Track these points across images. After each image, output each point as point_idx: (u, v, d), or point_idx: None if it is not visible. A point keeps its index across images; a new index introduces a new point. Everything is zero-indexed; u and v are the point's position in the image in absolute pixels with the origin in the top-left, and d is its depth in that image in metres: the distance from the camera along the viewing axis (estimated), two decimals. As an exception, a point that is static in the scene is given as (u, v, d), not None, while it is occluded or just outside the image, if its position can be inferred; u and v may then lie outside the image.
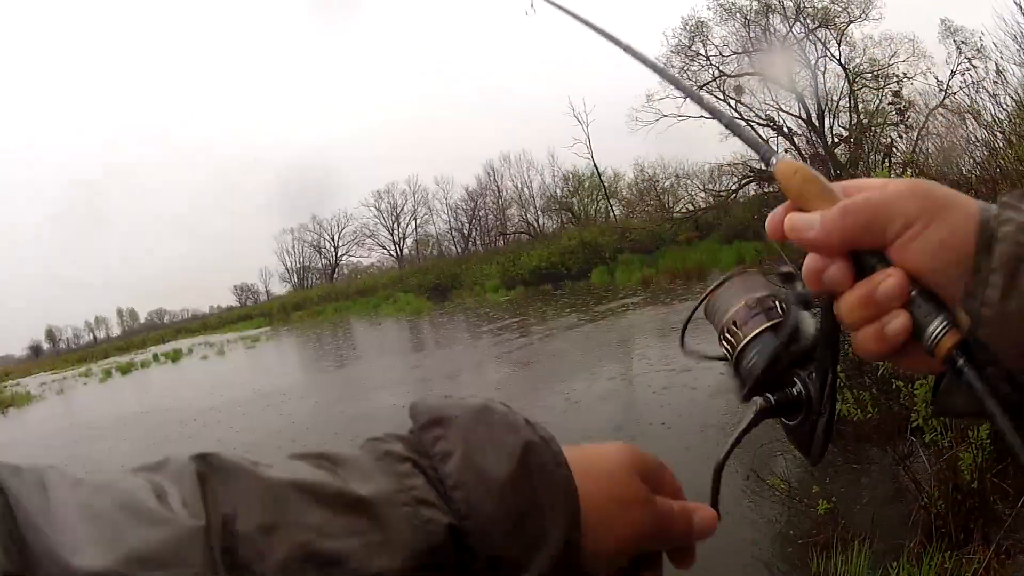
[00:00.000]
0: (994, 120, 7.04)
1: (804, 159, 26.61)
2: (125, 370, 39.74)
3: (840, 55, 30.61)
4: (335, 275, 68.74)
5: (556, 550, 0.71)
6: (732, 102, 32.01)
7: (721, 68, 32.83)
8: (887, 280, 0.74)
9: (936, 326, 0.72)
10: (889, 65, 28.85)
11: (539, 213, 56.72)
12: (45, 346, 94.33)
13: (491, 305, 35.47)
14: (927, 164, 7.07)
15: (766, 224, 0.84)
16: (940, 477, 5.33)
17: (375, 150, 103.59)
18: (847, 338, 0.82)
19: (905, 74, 27.82)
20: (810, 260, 0.79)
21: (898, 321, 0.74)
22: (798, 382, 0.86)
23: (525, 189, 57.60)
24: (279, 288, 74.82)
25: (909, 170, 6.97)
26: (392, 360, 24.05)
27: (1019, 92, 7.11)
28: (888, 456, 6.08)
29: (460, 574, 0.69)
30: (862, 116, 28.88)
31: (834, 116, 31.05)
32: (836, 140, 29.88)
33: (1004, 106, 7.05)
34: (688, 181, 42.55)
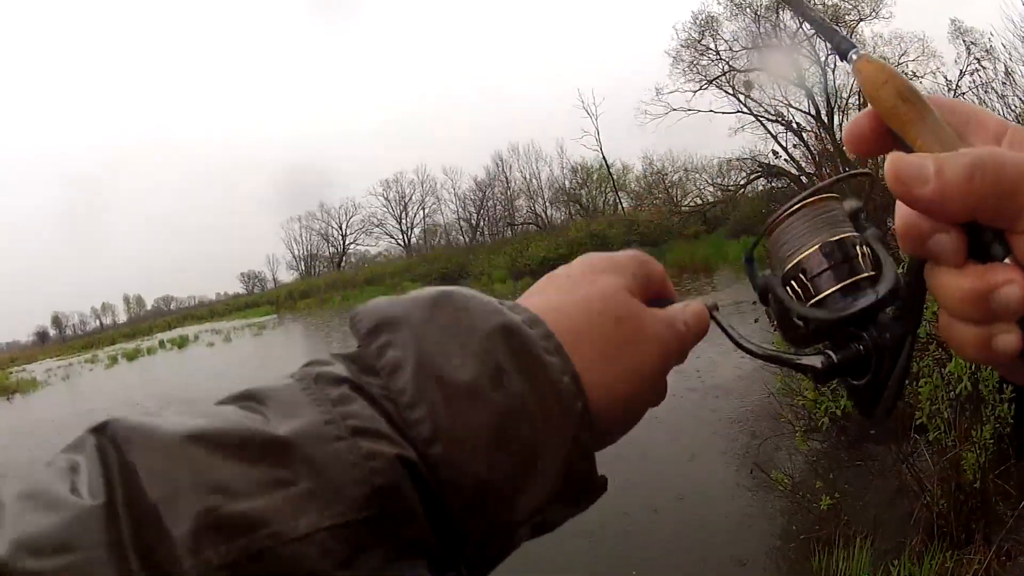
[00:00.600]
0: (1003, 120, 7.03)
1: (813, 156, 26.73)
2: (131, 356, 39.99)
3: (850, 52, 30.49)
4: (342, 263, 68.93)
5: (557, 466, 0.59)
6: (741, 97, 31.89)
7: (731, 63, 32.77)
8: (1008, 287, 0.57)
9: None
10: (899, 64, 28.74)
11: (547, 204, 56.91)
12: (51, 332, 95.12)
13: (499, 295, 35.24)
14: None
15: (845, 132, 0.70)
16: (943, 476, 5.31)
17: (385, 140, 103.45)
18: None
19: (915, 72, 27.74)
20: (911, 218, 0.61)
21: (1009, 339, 0.58)
22: (865, 336, 0.69)
23: (533, 180, 57.80)
24: (286, 276, 75.19)
25: None
26: None
27: None
28: (891, 454, 6.07)
29: (436, 523, 0.55)
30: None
31: (844, 113, 30.94)
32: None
33: (1012, 107, 7.03)
34: (696, 175, 42.71)
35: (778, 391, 7.66)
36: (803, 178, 25.92)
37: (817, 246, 0.71)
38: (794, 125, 30.66)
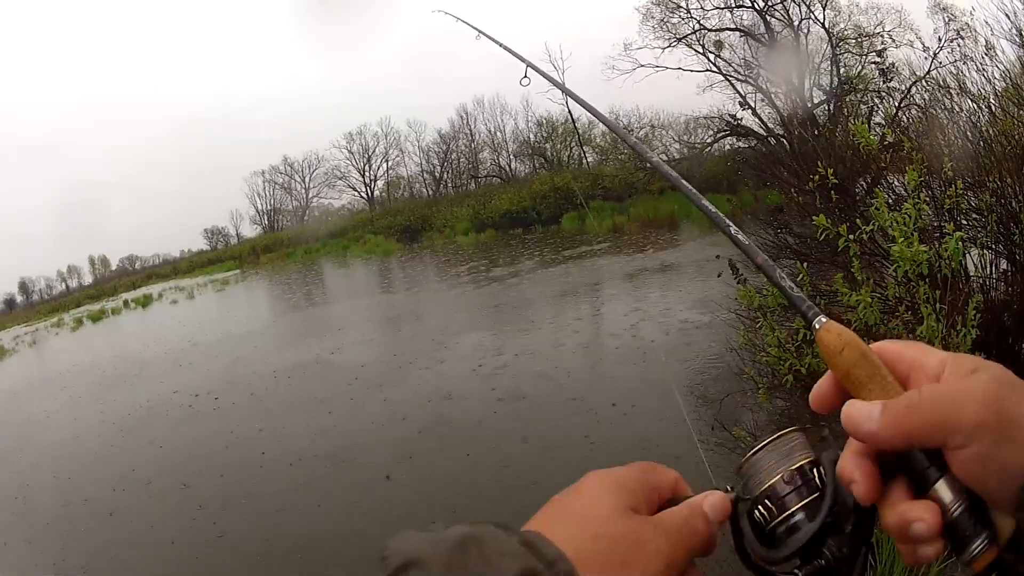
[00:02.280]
0: (980, 93, 7.05)
1: (781, 117, 26.71)
2: (96, 318, 39.88)
3: (824, 19, 30.39)
4: (305, 217, 68.25)
5: None
6: (711, 56, 31.78)
7: (702, 22, 32.61)
8: (917, 524, 0.72)
9: (977, 544, 0.72)
10: (875, 34, 28.71)
11: (511, 158, 56.68)
12: (19, 299, 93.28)
13: (460, 247, 35.70)
14: (908, 129, 7.01)
15: (810, 396, 0.86)
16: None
17: (349, 93, 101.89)
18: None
19: (890, 34, 27.71)
20: (856, 447, 0.78)
21: (926, 552, 0.74)
22: (827, 552, 0.81)
23: (498, 133, 57.54)
24: (249, 231, 74.21)
25: (890, 131, 6.90)
26: (358, 301, 24.48)
27: (1008, 67, 7.12)
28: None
29: None
30: (843, 80, 28.79)
31: (814, 78, 31.00)
32: (815, 101, 29.82)
33: (991, 79, 7.07)
34: (663, 132, 42.33)
35: (740, 346, 7.67)
36: (770, 138, 25.94)
37: (779, 476, 0.84)
38: (764, 86, 30.65)
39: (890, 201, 5.95)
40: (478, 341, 14.58)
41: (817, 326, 0.86)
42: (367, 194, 65.30)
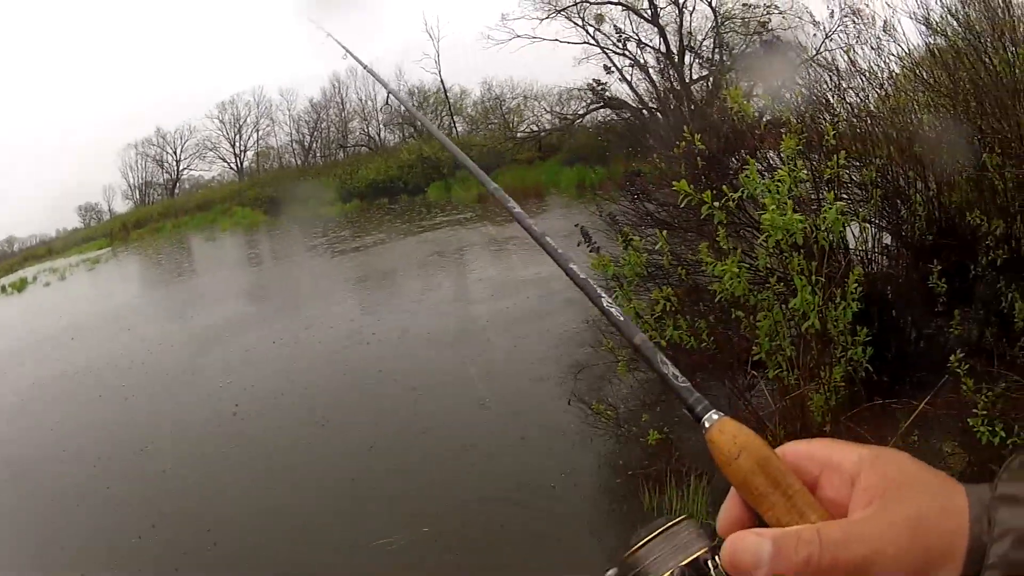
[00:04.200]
0: (873, 70, 6.90)
1: (658, 92, 26.78)
2: None
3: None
4: (176, 190, 66.47)
5: None
6: (590, 29, 31.57)
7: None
8: None
9: None
10: (761, 6, 28.77)
11: (381, 127, 56.18)
12: None
13: (326, 218, 35.75)
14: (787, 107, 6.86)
15: (718, 520, 0.73)
16: (786, 415, 5.11)
17: (227, 60, 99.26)
18: None
19: (776, 6, 27.79)
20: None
21: None
22: None
23: (369, 102, 56.75)
24: (122, 206, 71.91)
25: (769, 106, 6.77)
26: (217, 276, 24.51)
27: (907, 47, 6.98)
28: (726, 388, 5.85)
29: None
30: (726, 58, 28.83)
31: (695, 55, 31.04)
32: (695, 78, 29.88)
33: (887, 58, 6.94)
34: (536, 102, 42.45)
35: (597, 318, 7.20)
36: (644, 111, 25.91)
37: (670, 571, 0.80)
38: (640, 60, 30.51)
39: (762, 169, 5.70)
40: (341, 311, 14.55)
41: (707, 424, 0.73)
42: (237, 165, 64.05)
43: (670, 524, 0.82)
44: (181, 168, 67.15)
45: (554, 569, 5.27)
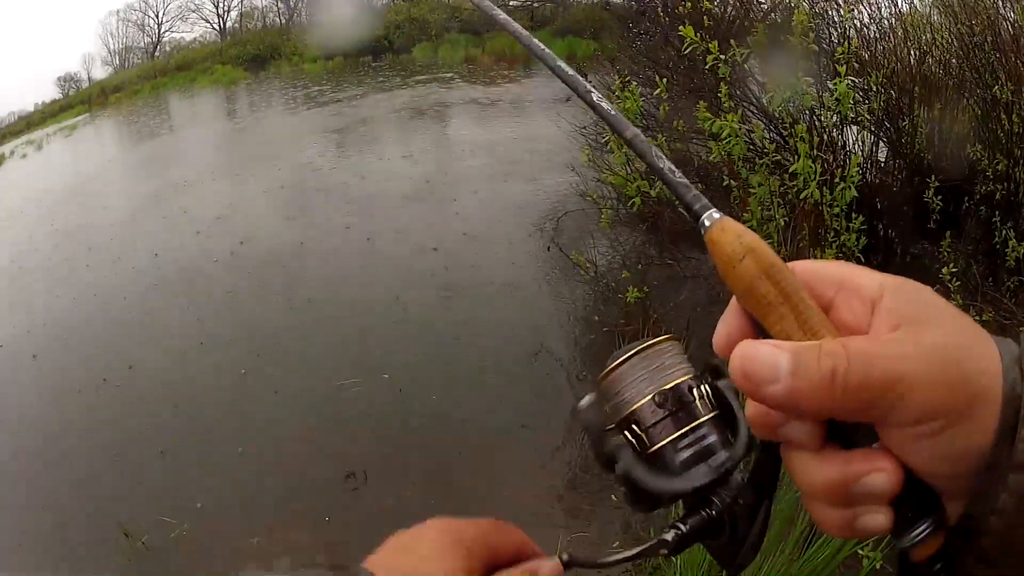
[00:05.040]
0: None
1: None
2: None
3: None
4: (156, 52, 65.41)
5: None
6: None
7: None
8: (876, 475, 0.56)
9: (921, 529, 0.58)
10: None
11: (370, -16, 55.43)
12: None
13: (307, 74, 35.91)
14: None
15: (715, 336, 0.65)
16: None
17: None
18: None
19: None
20: (759, 406, 0.59)
21: (877, 520, 0.57)
22: (716, 501, 0.66)
23: (354, -40, 55.81)
24: (101, 73, 70.61)
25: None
26: (188, 133, 24.18)
27: None
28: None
29: None
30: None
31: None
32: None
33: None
34: (531, -29, 42.00)
35: (585, 165, 7.19)
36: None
37: (650, 395, 0.69)
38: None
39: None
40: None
41: (708, 223, 0.64)
42: (220, 26, 63.08)
43: (650, 343, 0.70)
44: (162, 31, 66.15)
45: (528, 416, 5.29)
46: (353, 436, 5.58)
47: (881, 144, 6.32)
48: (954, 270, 4.66)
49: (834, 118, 5.03)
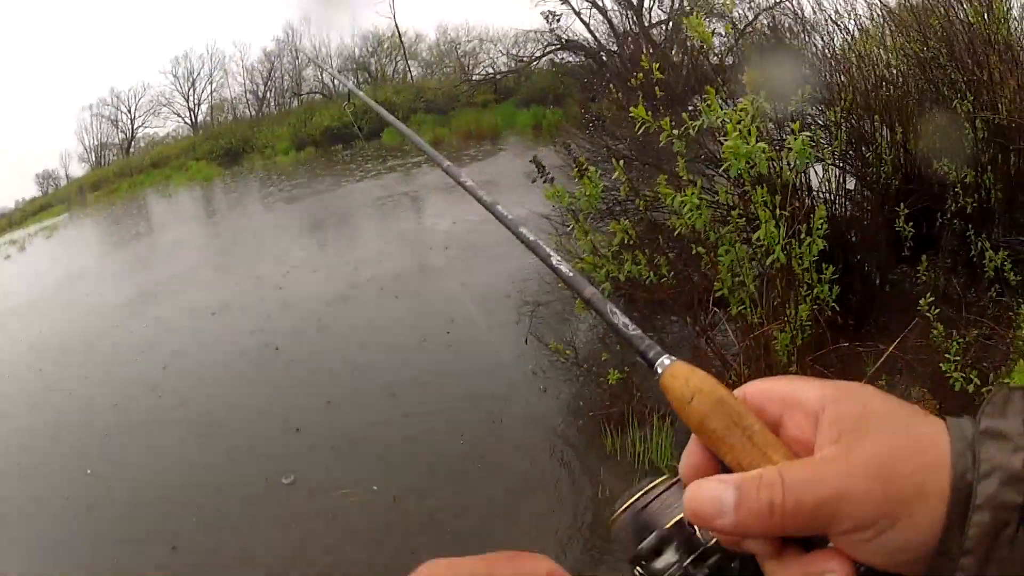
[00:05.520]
0: (839, 13, 6.88)
1: (616, 34, 26.51)
2: None
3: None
4: (131, 149, 65.86)
5: None
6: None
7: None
8: (828, 575, 0.61)
9: None
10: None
11: (336, 73, 56.15)
12: None
13: (279, 168, 36.11)
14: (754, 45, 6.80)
15: (681, 468, 0.70)
16: (750, 355, 5.01)
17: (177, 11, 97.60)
18: None
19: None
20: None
21: None
22: None
23: (323, 49, 56.54)
24: (79, 170, 71.15)
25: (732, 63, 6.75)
26: (166, 235, 24.07)
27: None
28: (688, 327, 5.77)
29: None
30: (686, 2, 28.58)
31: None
32: (654, 21, 29.62)
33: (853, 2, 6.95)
34: (491, 45, 42.65)
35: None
36: (602, 54, 25.70)
37: (655, 532, 0.75)
38: (599, 2, 30.22)
39: (723, 99, 5.52)
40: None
41: (660, 370, 0.71)
42: (191, 120, 63.63)
43: (651, 487, 0.79)
44: (136, 127, 66.57)
45: (519, 516, 5.23)
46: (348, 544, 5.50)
47: (848, 176, 6.42)
48: (931, 299, 4.64)
49: (794, 170, 5.02)
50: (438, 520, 5.44)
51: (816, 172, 6.01)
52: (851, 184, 6.41)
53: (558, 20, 28.79)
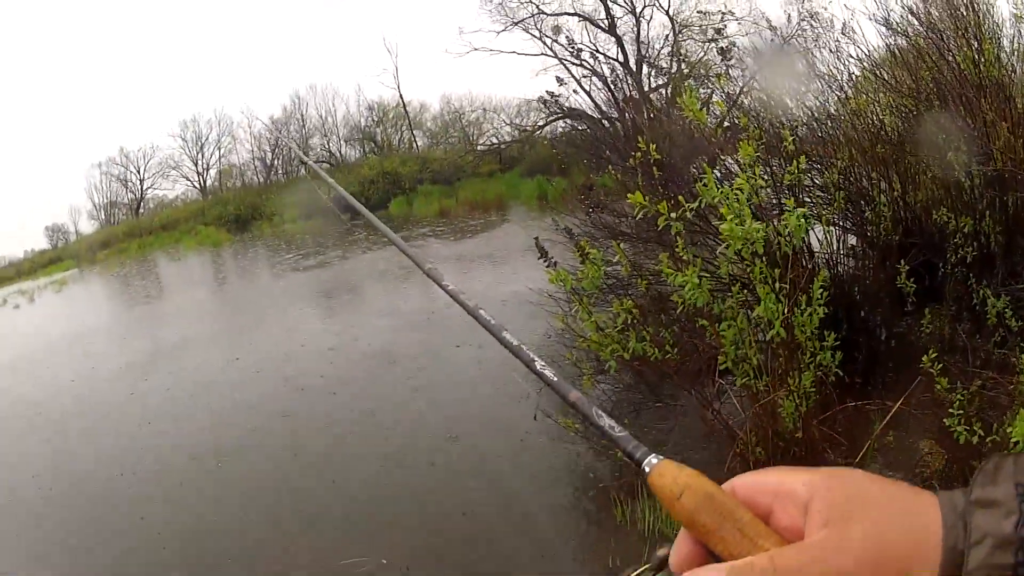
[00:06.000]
0: (832, 74, 6.94)
1: (616, 100, 26.73)
2: None
3: (668, 5, 30.49)
4: (140, 209, 65.98)
5: None
6: (548, 40, 31.65)
7: (540, 6, 32.39)
8: None
9: None
10: (721, 20, 28.78)
11: (342, 143, 56.46)
12: None
13: (288, 235, 35.79)
14: (749, 111, 6.88)
15: (670, 559, 0.74)
16: (757, 423, 5.06)
17: (185, 76, 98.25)
18: None
19: (731, 11, 27.95)
20: None
21: None
22: None
23: (329, 118, 56.88)
24: (87, 226, 71.30)
25: (730, 111, 6.83)
26: (179, 298, 24.03)
27: (867, 50, 7.04)
28: (694, 398, 5.83)
29: None
30: (683, 66, 28.91)
31: (653, 65, 31.13)
32: (653, 86, 29.92)
33: (847, 60, 6.99)
34: (495, 115, 42.86)
35: (560, 332, 7.21)
36: (604, 121, 25.99)
37: None
38: (599, 70, 30.59)
39: (719, 177, 5.67)
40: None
41: (647, 469, 0.77)
42: (200, 184, 63.84)
43: (636, 573, 0.84)
44: (145, 187, 66.79)
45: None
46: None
47: (849, 233, 6.44)
48: (934, 355, 4.66)
49: (792, 242, 5.11)
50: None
51: (816, 235, 6.07)
52: (852, 239, 6.46)
53: (558, 99, 29.18)
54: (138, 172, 66.45)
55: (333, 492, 7.20)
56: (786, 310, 4.77)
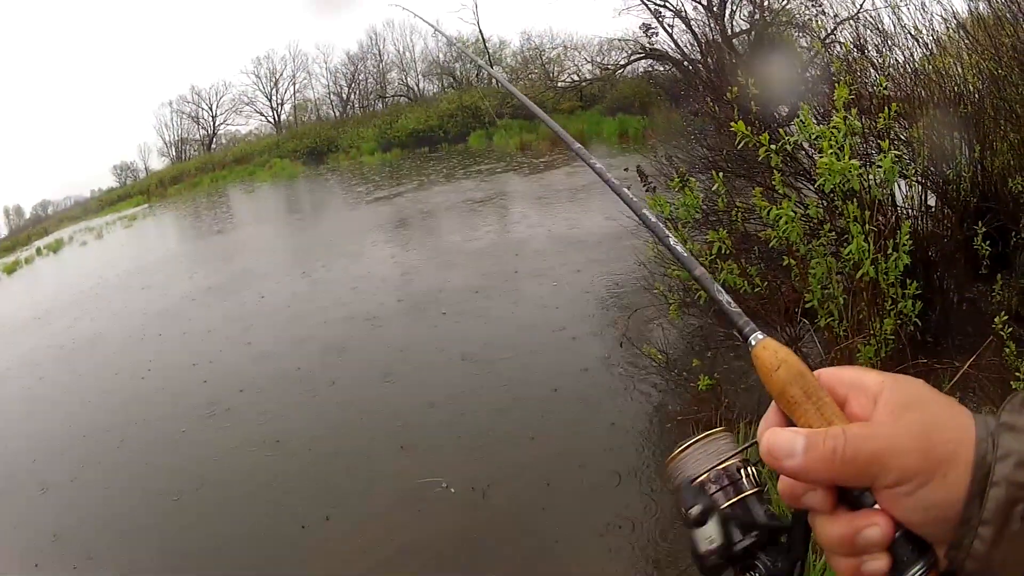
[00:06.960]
0: (917, 28, 6.77)
1: (699, 43, 26.34)
2: (11, 270, 37.93)
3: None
4: (212, 145, 66.48)
5: None
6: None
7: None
8: (871, 528, 0.74)
9: (915, 570, 0.73)
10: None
11: (420, 77, 56.03)
12: None
13: (365, 167, 35.89)
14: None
15: (758, 431, 0.82)
16: (835, 366, 5.03)
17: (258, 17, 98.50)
18: None
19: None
20: (787, 481, 0.78)
21: (878, 564, 0.74)
22: (760, 565, 0.85)
23: (407, 53, 56.51)
24: (158, 163, 72.00)
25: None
26: (256, 229, 24.49)
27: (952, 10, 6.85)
28: (776, 335, 5.82)
29: None
30: (766, 12, 28.25)
31: (736, 6, 30.46)
32: (737, 31, 29.31)
33: (931, 18, 6.81)
34: (576, 53, 42.16)
35: (650, 260, 7.28)
36: (687, 63, 25.58)
37: (706, 474, 0.89)
38: (683, 13, 30.04)
39: (817, 116, 5.65)
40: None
41: (753, 343, 0.85)
42: (274, 119, 64.12)
43: (708, 434, 0.92)
44: (217, 123, 67.30)
45: (603, 511, 5.28)
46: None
47: (929, 193, 6.33)
48: (1005, 318, 4.64)
49: (883, 188, 5.09)
50: (523, 516, 5.53)
51: (900, 188, 6.00)
52: (931, 201, 6.35)
53: (656, 33, 28.70)
54: (210, 109, 66.55)
55: (422, 414, 7.38)
56: (874, 250, 4.76)
